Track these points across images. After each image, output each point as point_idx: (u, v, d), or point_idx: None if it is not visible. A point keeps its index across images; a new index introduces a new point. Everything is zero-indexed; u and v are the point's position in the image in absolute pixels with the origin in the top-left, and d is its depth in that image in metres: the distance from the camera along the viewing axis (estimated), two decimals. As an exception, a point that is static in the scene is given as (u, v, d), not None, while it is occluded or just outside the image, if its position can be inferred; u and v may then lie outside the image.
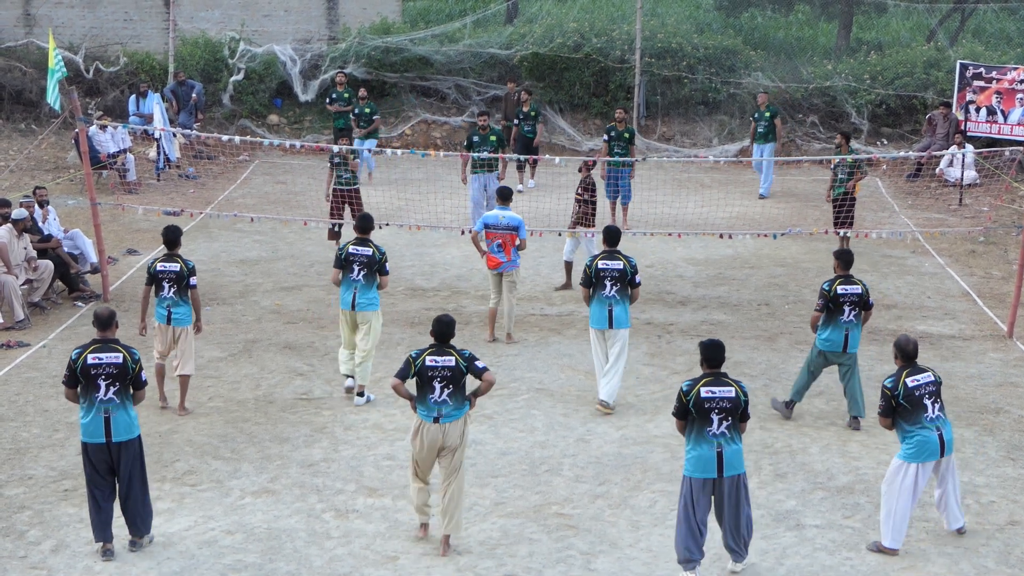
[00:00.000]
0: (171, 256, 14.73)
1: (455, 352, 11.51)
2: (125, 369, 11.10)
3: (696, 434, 10.75)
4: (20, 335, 17.45)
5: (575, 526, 11.98)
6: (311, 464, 13.37)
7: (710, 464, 10.70)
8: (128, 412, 11.19)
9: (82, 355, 11.11)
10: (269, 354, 16.91)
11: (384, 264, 15.14)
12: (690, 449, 10.82)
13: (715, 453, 10.69)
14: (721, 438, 10.71)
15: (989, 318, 18.72)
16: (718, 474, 10.70)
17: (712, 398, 10.71)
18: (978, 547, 11.57)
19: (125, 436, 11.16)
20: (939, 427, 11.42)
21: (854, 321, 14.33)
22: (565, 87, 32.50)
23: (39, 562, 11.19)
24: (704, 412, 10.69)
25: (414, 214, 23.10)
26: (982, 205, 25.86)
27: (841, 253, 14.75)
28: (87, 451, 11.19)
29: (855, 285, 14.36)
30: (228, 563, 11.20)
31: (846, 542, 11.68)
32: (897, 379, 11.45)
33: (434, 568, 11.14)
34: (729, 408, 10.72)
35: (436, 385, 11.35)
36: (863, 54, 33.55)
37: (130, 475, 11.21)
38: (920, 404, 11.37)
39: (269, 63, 32.44)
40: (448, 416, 11.36)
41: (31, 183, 24.38)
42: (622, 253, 15.00)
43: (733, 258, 21.91)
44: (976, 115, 29.09)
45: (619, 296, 14.78)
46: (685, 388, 10.80)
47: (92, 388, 11.07)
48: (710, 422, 10.69)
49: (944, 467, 11.60)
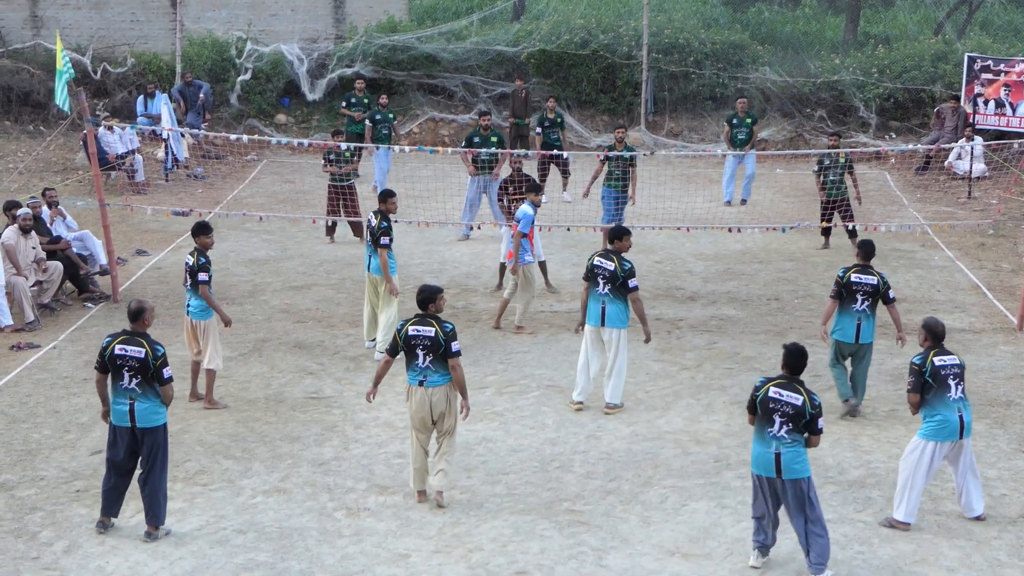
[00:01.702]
0: (192, 251, 15.04)
1: (437, 323, 12.12)
2: (146, 364, 11.43)
3: (758, 432, 10.91)
4: (30, 336, 17.47)
5: (586, 522, 11.98)
6: (322, 463, 13.38)
7: (769, 464, 10.78)
8: (152, 401, 11.51)
9: (111, 344, 11.56)
10: (279, 353, 16.93)
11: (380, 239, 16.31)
12: (755, 445, 10.99)
13: (773, 455, 10.75)
14: (779, 441, 10.72)
15: (999, 311, 18.69)
16: (776, 474, 10.76)
17: (780, 399, 10.76)
18: (990, 540, 11.55)
19: (149, 424, 11.50)
20: (960, 409, 11.57)
21: (867, 311, 14.36)
22: (572, 84, 32.50)
23: (51, 563, 11.21)
24: (768, 412, 10.77)
25: (423, 212, 23.11)
26: (991, 198, 25.82)
27: (863, 243, 14.81)
28: (113, 431, 11.60)
29: (871, 276, 14.40)
30: (240, 562, 11.21)
31: (858, 536, 11.67)
32: (925, 357, 11.63)
33: (446, 566, 11.14)
34: (792, 415, 10.69)
35: (419, 352, 12.08)
36: (871, 48, 33.51)
37: (152, 460, 11.53)
38: (945, 384, 11.54)
39: (276, 62, 32.47)
40: (432, 381, 12.08)
41: (40, 185, 24.42)
42: (618, 254, 14.68)
43: (742, 253, 21.88)
44: (984, 108, 29.04)
45: (612, 295, 14.59)
46: (759, 384, 10.93)
47: (118, 376, 11.52)
48: (772, 423, 10.75)
49: (958, 450, 11.70)
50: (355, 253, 21.82)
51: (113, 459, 11.63)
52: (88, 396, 15.19)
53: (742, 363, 16.53)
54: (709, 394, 15.40)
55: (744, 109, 25.66)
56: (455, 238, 23.01)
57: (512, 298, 17.84)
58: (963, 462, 11.80)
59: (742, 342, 17.36)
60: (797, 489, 10.76)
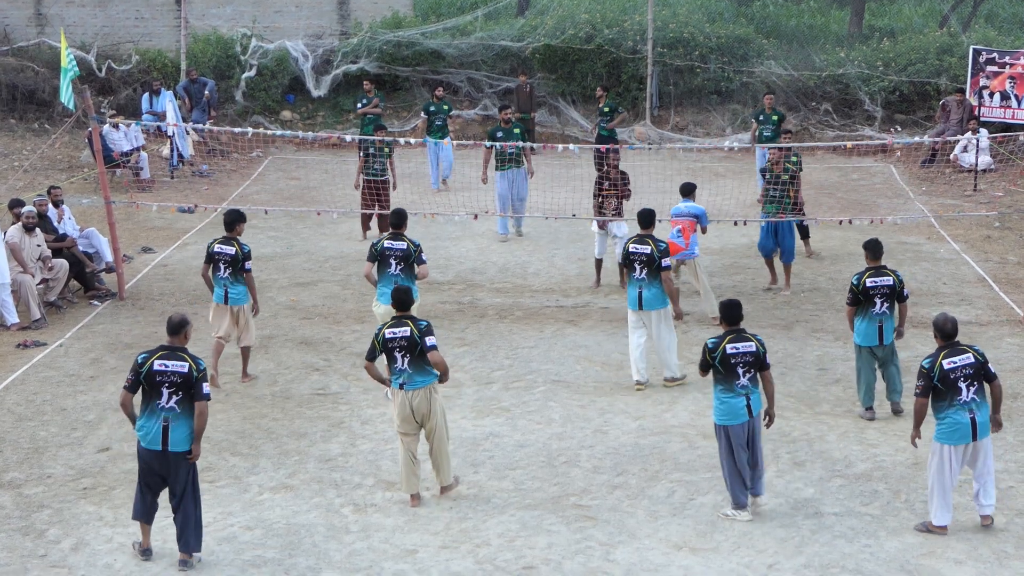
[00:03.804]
0: (228, 239, 15.46)
1: (411, 323, 12.06)
2: (189, 378, 10.78)
3: (723, 387, 11.76)
4: (37, 334, 17.50)
5: (594, 517, 11.98)
6: (329, 459, 13.39)
7: (741, 411, 11.73)
8: (187, 423, 10.87)
9: (149, 360, 10.85)
10: (285, 350, 16.94)
11: (420, 255, 15.31)
12: (721, 400, 11.83)
13: (744, 401, 11.70)
14: (747, 389, 11.70)
15: (1005, 303, 18.67)
16: (749, 416, 11.75)
17: (737, 353, 11.68)
18: (997, 532, 11.53)
19: (182, 447, 10.87)
20: (972, 410, 11.35)
21: (887, 313, 14.16)
22: (577, 78, 32.48)
23: (59, 560, 11.22)
24: (731, 367, 11.66)
25: (428, 206, 23.10)
26: (997, 190, 25.78)
27: (869, 243, 14.52)
28: (142, 455, 10.97)
29: (886, 276, 14.20)
30: (248, 559, 11.22)
31: (865, 529, 11.66)
32: (934, 360, 11.43)
33: (453, 561, 11.14)
34: (752, 361, 11.69)
35: (397, 355, 12.02)
36: (876, 41, 33.46)
37: (184, 488, 10.94)
38: (954, 386, 11.33)
39: (281, 59, 32.49)
40: (411, 384, 12.04)
41: (45, 183, 24.45)
42: (652, 237, 15.23)
43: (748, 247, 21.85)
44: (990, 100, 29.00)
45: (648, 279, 15.02)
46: (711, 345, 11.76)
47: (155, 395, 10.79)
48: (737, 375, 11.68)
49: (974, 452, 11.48)
50: (360, 249, 21.81)
51: (145, 480, 11.00)
52: (95, 394, 15.23)
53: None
54: (715, 388, 15.38)
55: (771, 105, 25.94)
56: (497, 239, 22.77)
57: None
58: (979, 465, 11.52)
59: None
60: (758, 421, 11.90)
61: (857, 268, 20.22)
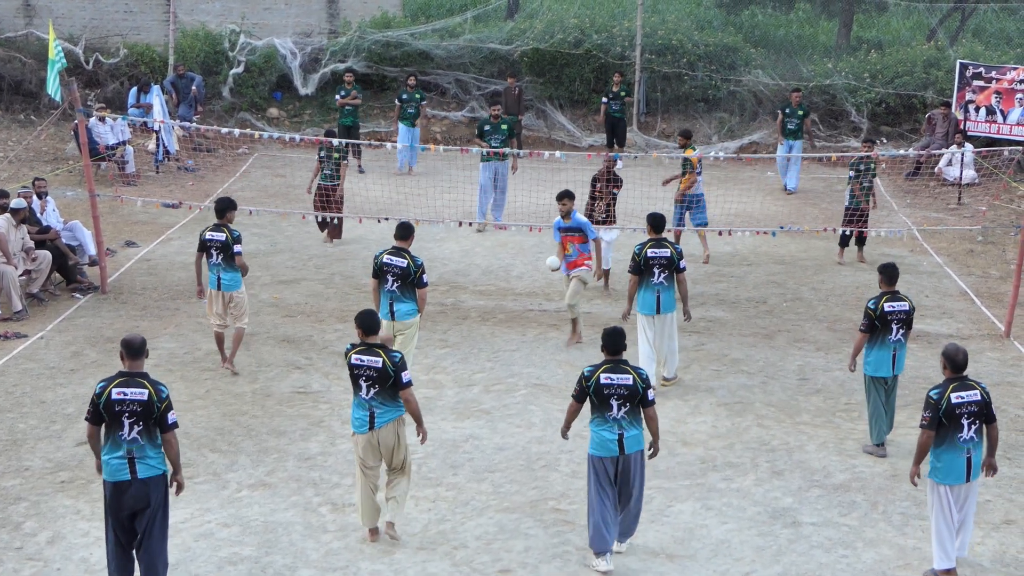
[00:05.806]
0: (219, 226, 15.74)
1: (384, 354, 11.17)
2: (150, 407, 9.93)
3: (597, 418, 10.98)
4: (18, 326, 17.44)
5: (572, 521, 11.98)
6: (308, 457, 13.38)
7: (611, 445, 10.94)
8: (155, 454, 10.06)
9: (107, 389, 9.98)
10: (267, 347, 16.91)
11: (421, 276, 14.57)
12: (592, 431, 11.04)
13: (615, 435, 10.91)
14: (620, 424, 10.91)
15: (987, 317, 18.73)
16: (620, 452, 10.93)
17: (611, 384, 10.88)
18: (974, 546, 11.57)
19: (152, 472, 10.06)
20: (970, 449, 10.78)
21: (902, 340, 13.53)
22: (565, 83, 32.51)
23: (35, 553, 11.20)
24: (604, 397, 10.90)
25: (413, 208, 23.10)
26: (980, 204, 25.87)
27: (885, 268, 13.76)
28: (108, 491, 10.10)
29: (902, 302, 13.52)
30: (224, 556, 11.20)
31: (842, 540, 11.69)
32: (943, 392, 10.75)
33: (430, 563, 11.14)
34: (627, 395, 10.87)
35: (362, 384, 11.20)
36: (863, 53, 33.54)
37: (153, 515, 10.12)
38: (958, 423, 10.71)
39: (269, 56, 32.43)
40: (380, 420, 11.25)
41: (30, 174, 24.36)
42: (668, 240, 15.41)
43: (731, 255, 21.90)
44: (975, 115, 29.09)
45: (666, 283, 15.20)
46: (586, 373, 11.00)
47: (116, 426, 9.95)
48: (610, 407, 10.88)
49: (965, 493, 11.00)
50: (345, 249, 21.81)
51: (116, 525, 10.14)
52: (75, 387, 15.18)
53: (730, 365, 16.55)
54: (696, 395, 15.41)
55: (798, 101, 27.04)
56: (472, 230, 22.99)
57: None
58: (965, 508, 11.05)
59: (730, 344, 17.38)
60: (637, 459, 11.04)
61: (840, 278, 20.46)
